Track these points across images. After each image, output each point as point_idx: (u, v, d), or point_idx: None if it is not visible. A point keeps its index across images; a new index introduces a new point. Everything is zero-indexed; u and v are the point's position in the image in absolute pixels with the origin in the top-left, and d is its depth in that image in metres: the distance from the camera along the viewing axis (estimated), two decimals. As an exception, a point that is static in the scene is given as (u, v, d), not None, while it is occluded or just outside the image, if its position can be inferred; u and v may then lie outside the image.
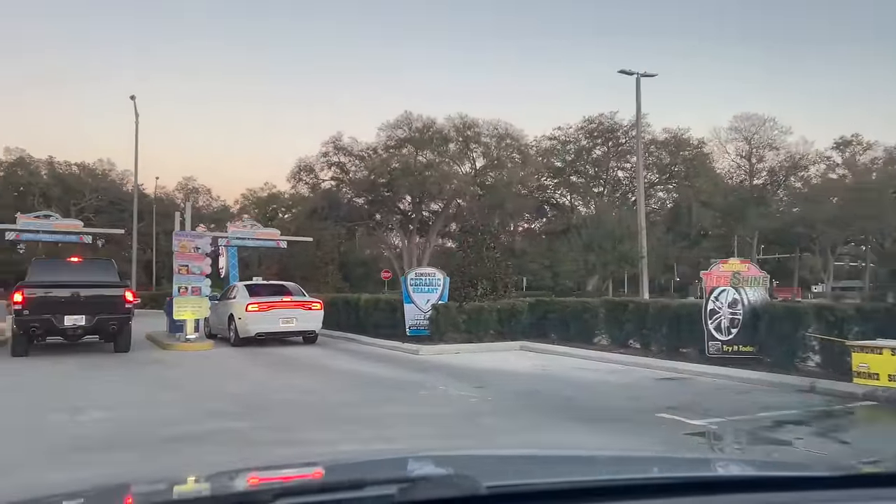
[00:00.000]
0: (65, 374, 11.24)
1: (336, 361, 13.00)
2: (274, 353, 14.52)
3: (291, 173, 41.70)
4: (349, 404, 8.48)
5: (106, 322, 13.63)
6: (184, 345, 15.02)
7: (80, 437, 6.58)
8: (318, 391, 9.64)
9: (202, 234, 15.69)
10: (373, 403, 8.56)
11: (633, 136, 43.75)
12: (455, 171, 39.32)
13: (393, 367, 12.20)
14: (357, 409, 8.18)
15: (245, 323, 15.42)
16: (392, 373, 11.47)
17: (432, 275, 15.40)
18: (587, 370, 11.43)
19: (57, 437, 6.55)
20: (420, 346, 14.10)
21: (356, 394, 9.41)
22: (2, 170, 56.26)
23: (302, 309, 15.93)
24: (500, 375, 10.91)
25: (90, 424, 7.24)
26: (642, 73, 31.16)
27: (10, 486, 2.11)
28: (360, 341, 16.40)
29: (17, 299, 13.11)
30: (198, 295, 15.34)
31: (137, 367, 12.22)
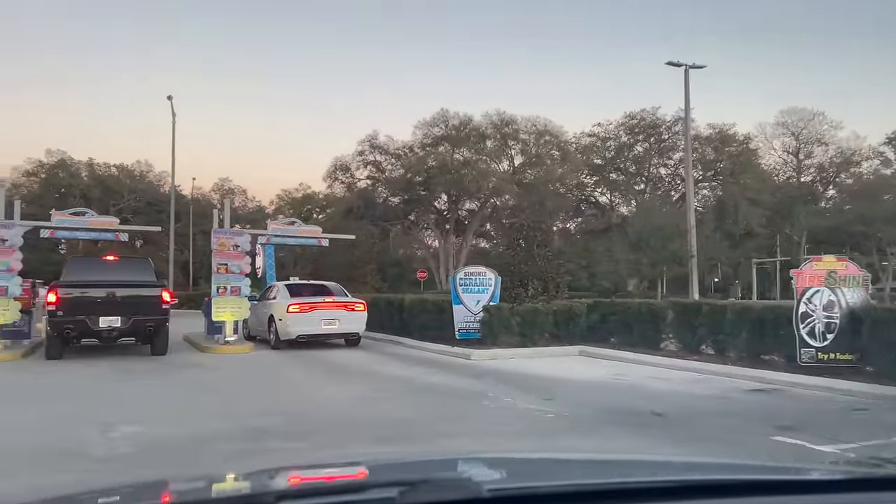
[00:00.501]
0: (98, 380, 10.46)
1: (385, 367, 12.03)
2: (317, 356, 13.63)
3: (327, 172, 41.09)
4: (409, 420, 7.47)
5: (142, 324, 12.87)
6: (223, 347, 14.22)
7: (109, 458, 5.70)
8: (371, 402, 8.66)
9: (242, 232, 14.90)
10: (435, 418, 7.55)
11: (675, 131, 42.22)
12: (493, 168, 38.18)
13: (446, 373, 11.18)
14: (418, 425, 7.18)
15: (286, 324, 14.56)
16: (447, 380, 10.45)
17: (483, 274, 14.35)
18: (663, 379, 10.25)
19: (82, 461, 5.66)
20: (471, 349, 13.07)
21: (414, 406, 8.41)
22: (43, 172, 56.74)
23: (345, 310, 15.02)
24: (568, 385, 9.81)
25: (121, 442, 6.35)
26: (691, 65, 29.76)
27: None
28: (406, 344, 15.43)
29: (50, 300, 12.42)
30: (237, 295, 14.53)
31: (174, 371, 11.41)
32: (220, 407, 8.37)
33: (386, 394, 9.24)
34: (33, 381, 10.33)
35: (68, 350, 13.18)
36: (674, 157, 43.70)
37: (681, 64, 29.52)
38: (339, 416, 7.91)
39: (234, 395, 9.45)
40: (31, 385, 10.01)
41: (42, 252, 43.70)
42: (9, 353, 13.03)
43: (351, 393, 9.39)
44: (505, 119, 38.42)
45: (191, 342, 16.03)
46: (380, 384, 10.11)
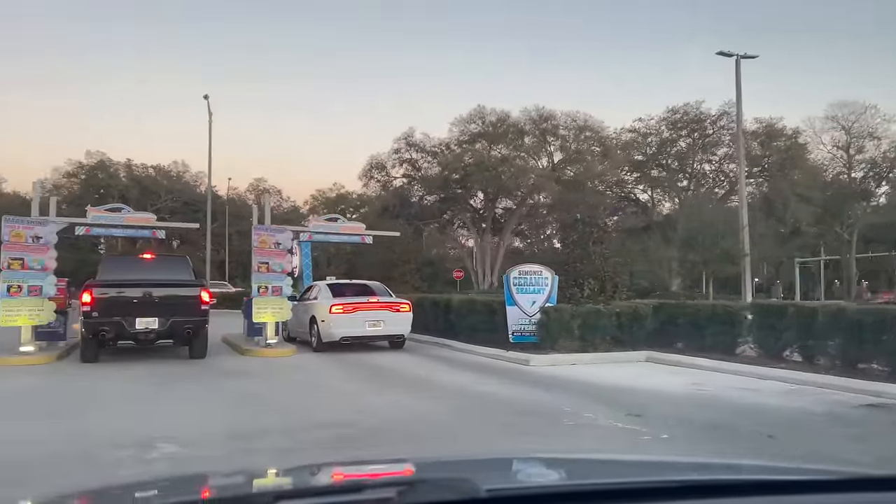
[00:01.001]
0: (135, 387, 9.69)
1: (438, 373, 11.06)
2: (362, 360, 12.74)
3: (363, 171, 40.32)
4: (484, 439, 6.50)
5: (180, 325, 12.13)
6: (264, 350, 13.41)
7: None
8: (433, 417, 7.69)
9: (283, 229, 14.09)
10: (513, 438, 6.56)
11: (721, 126, 40.54)
12: (532, 165, 37.00)
13: (507, 381, 10.17)
14: (498, 447, 6.18)
15: (328, 326, 13.71)
16: (510, 390, 9.44)
17: (538, 273, 13.30)
18: (750, 390, 9.09)
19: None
20: (528, 354, 12.03)
21: (483, 422, 7.43)
22: (83, 173, 57.23)
23: (389, 311, 14.11)
24: (649, 398, 8.72)
25: (159, 465, 5.48)
26: (742, 55, 28.30)
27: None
28: (454, 347, 14.45)
29: (85, 300, 11.73)
30: (278, 295, 13.71)
31: (215, 377, 10.60)
32: (269, 420, 7.50)
33: (448, 407, 8.26)
34: (65, 388, 9.60)
35: (104, 352, 12.51)
36: (718, 152, 42.00)
37: (732, 54, 28.09)
38: (398, 432, 6.97)
39: (281, 405, 8.57)
40: (63, 392, 9.27)
41: (82, 252, 43.87)
42: (44, 355, 12.40)
43: (408, 404, 8.45)
44: (544, 114, 37.23)
45: (230, 344, 15.29)
46: (438, 394, 9.15)
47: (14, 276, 12.09)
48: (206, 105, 38.49)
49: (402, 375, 10.98)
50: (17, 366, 11.49)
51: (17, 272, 12.12)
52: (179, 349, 13.42)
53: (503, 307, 13.59)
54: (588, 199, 37.51)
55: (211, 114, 38.47)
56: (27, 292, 12.20)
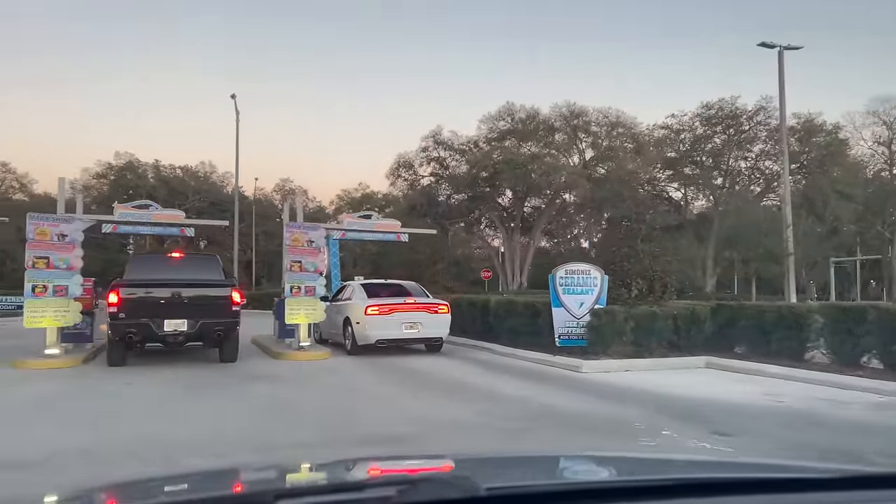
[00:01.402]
0: (163, 393, 9.01)
1: (483, 380, 10.24)
2: (400, 365, 11.97)
3: (390, 170, 39.59)
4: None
5: (210, 327, 11.47)
6: (297, 353, 12.71)
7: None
8: (492, 434, 6.85)
9: (316, 226, 13.39)
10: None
11: (757, 121, 39.14)
12: (563, 162, 35.97)
13: (560, 390, 9.32)
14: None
15: (364, 328, 12.97)
16: (567, 400, 8.59)
17: (587, 272, 12.41)
18: (840, 403, 8.12)
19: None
20: (579, 360, 11.16)
21: (549, 440, 6.58)
22: (112, 174, 57.40)
23: (427, 312, 13.33)
24: (726, 411, 7.80)
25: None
26: (785, 46, 27.08)
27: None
28: (494, 351, 13.62)
29: (111, 300, 11.12)
30: (311, 295, 13.00)
31: (248, 383, 9.89)
32: (306, 433, 6.74)
33: (506, 421, 7.41)
34: (89, 394, 8.95)
35: (131, 354, 11.91)
36: (753, 149, 40.58)
37: (774, 45, 26.89)
38: (451, 449, 6.17)
39: (318, 415, 7.83)
40: (85, 399, 8.62)
41: (110, 252, 43.85)
42: (69, 358, 11.82)
43: (457, 417, 7.64)
44: (575, 111, 36.16)
45: (261, 346, 14.63)
46: (490, 405, 8.31)
47: (39, 275, 11.53)
48: (234, 104, 38.22)
49: (444, 382, 10.18)
50: (40, 370, 10.92)
51: (42, 271, 11.56)
52: (209, 352, 12.80)
53: (547, 308, 12.74)
54: (621, 198, 36.54)
55: (238, 112, 38.16)
56: (52, 292, 11.63)
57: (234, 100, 38.27)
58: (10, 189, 56.11)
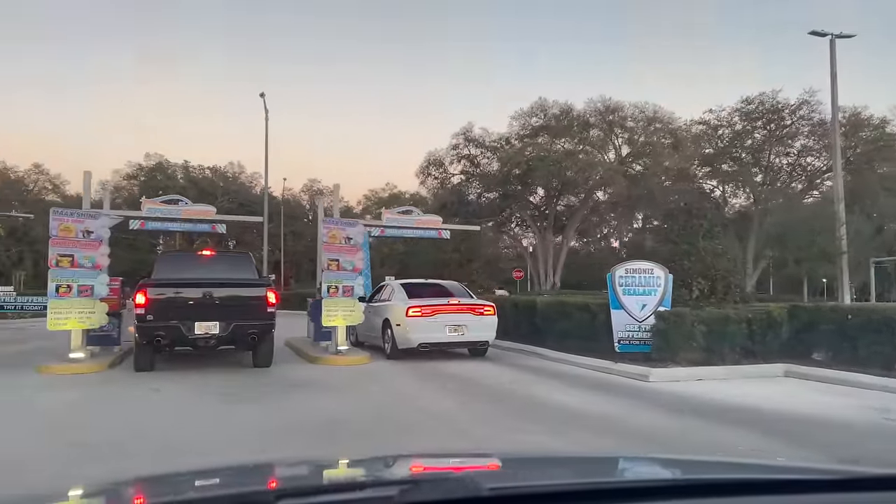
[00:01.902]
0: (192, 405, 8.15)
1: (541, 390, 9.20)
2: (446, 371, 11.00)
3: (420, 168, 38.73)
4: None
5: (244, 330, 10.63)
6: (335, 358, 11.81)
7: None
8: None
9: (355, 222, 12.48)
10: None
11: (800, 115, 37.47)
12: (599, 158, 34.72)
13: (631, 402, 8.27)
14: None
15: (405, 331, 12.03)
16: (643, 415, 7.54)
17: (649, 271, 11.32)
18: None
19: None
20: (645, 367, 10.07)
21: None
22: (142, 175, 57.45)
23: (472, 314, 12.35)
24: (835, 430, 6.69)
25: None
26: (837, 34, 25.61)
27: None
28: (545, 356, 12.59)
29: (138, 301, 10.32)
30: (349, 296, 12.10)
31: (286, 392, 9.00)
32: (360, 455, 5.80)
33: (579, 442, 6.40)
34: (112, 405, 8.12)
35: (159, 358, 11.13)
36: (795, 144, 38.88)
37: (826, 33, 25.46)
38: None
39: (367, 433, 6.86)
40: (108, 410, 7.78)
41: (140, 252, 43.64)
42: (95, 362, 11.06)
43: (528, 437, 6.63)
44: (610, 106, 34.90)
45: (295, 350, 13.78)
46: (560, 422, 7.31)
47: (63, 274, 10.78)
48: (263, 102, 37.67)
49: (498, 392, 9.18)
50: (63, 375, 10.17)
51: (66, 270, 10.81)
52: (241, 355, 11.99)
53: (603, 310, 11.69)
54: (666, 193, 35.24)
55: (267, 110, 37.57)
56: (77, 292, 10.88)
57: (262, 98, 37.71)
58: (44, 190, 56.42)
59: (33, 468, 5.23)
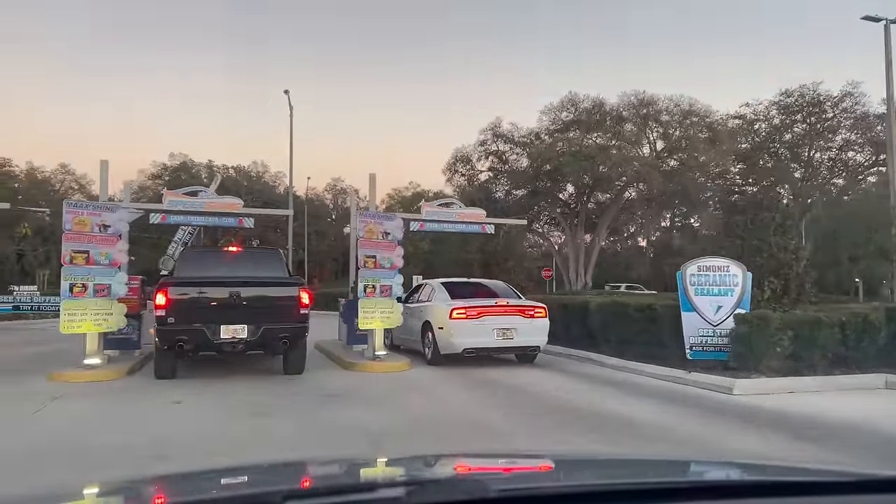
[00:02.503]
0: (218, 421, 7.05)
1: (604, 402, 7.96)
2: (496, 380, 9.83)
3: (447, 165, 37.47)
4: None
5: (275, 334, 9.55)
6: (372, 364, 10.68)
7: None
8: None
9: (393, 216, 11.34)
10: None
11: (843, 108, 35.73)
12: (634, 153, 33.22)
13: (718, 420, 7.03)
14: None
15: (449, 334, 10.87)
16: (743, 438, 6.30)
17: (725, 269, 10.03)
18: None
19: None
20: (726, 378, 8.79)
21: None
22: (167, 174, 57.01)
23: (521, 316, 11.15)
24: None
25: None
26: (892, 20, 23.98)
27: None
28: (602, 363, 11.35)
29: (159, 302, 9.29)
30: (387, 296, 10.97)
31: (320, 403, 7.87)
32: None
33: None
34: (130, 419, 7.06)
35: (181, 363, 10.11)
36: (835, 139, 37.07)
37: (880, 18, 23.83)
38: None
39: (417, 450, 5.68)
40: (125, 426, 6.71)
41: (164, 251, 43.00)
42: (111, 369, 10.04)
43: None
44: (644, 99, 33.39)
45: (327, 354, 12.69)
46: (644, 441, 6.11)
47: (77, 272, 9.78)
48: (287, 99, 36.84)
49: (557, 405, 7.97)
50: (77, 383, 9.15)
51: (80, 268, 9.81)
52: (271, 361, 10.93)
53: (670, 312, 10.44)
54: (693, 191, 33.75)
55: (291, 107, 36.74)
56: (93, 292, 9.87)
57: (287, 95, 36.89)
58: (70, 190, 56.17)
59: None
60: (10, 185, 49.94)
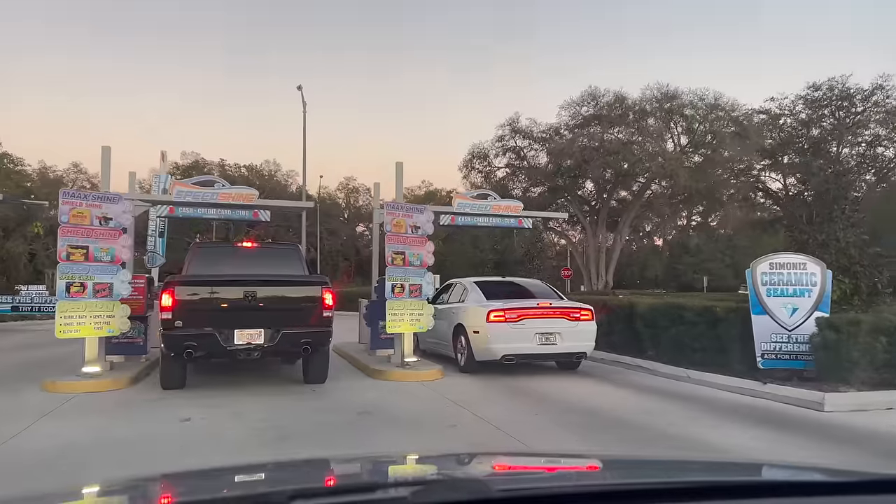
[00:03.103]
0: (237, 441, 5.92)
1: (697, 428, 6.74)
2: (540, 390, 8.67)
3: (464, 161, 36.40)
4: None
5: (295, 339, 8.43)
6: (402, 373, 9.52)
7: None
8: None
9: (422, 208, 10.18)
10: None
11: (874, 102, 34.29)
12: (660, 148, 31.87)
13: (816, 444, 5.85)
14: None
15: (485, 339, 9.71)
16: (857, 466, 5.08)
17: (801, 267, 8.80)
18: None
19: None
20: (814, 392, 7.58)
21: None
22: (179, 173, 56.17)
23: (566, 319, 9.97)
24: None
25: None
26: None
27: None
28: (655, 372, 10.16)
29: (164, 303, 8.19)
30: (417, 297, 9.83)
31: (349, 424, 6.72)
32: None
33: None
34: (129, 443, 5.93)
35: (190, 368, 9.02)
36: (864, 133, 35.62)
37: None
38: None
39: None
40: (122, 454, 5.58)
41: (177, 251, 42.06)
42: (113, 377, 8.93)
43: None
44: (668, 93, 32.07)
45: (349, 359, 11.56)
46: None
47: (75, 269, 8.70)
48: (300, 95, 35.69)
49: (641, 428, 6.77)
50: (74, 394, 8.06)
51: (78, 265, 8.72)
52: (286, 366, 9.84)
53: (737, 315, 9.24)
54: (721, 189, 32.46)
55: (305, 103, 35.62)
56: (92, 292, 8.79)
57: (300, 91, 35.77)
58: (82, 189, 55.44)
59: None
60: (24, 184, 49.21)
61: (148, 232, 13.77)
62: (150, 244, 13.78)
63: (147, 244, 13.83)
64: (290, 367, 10.11)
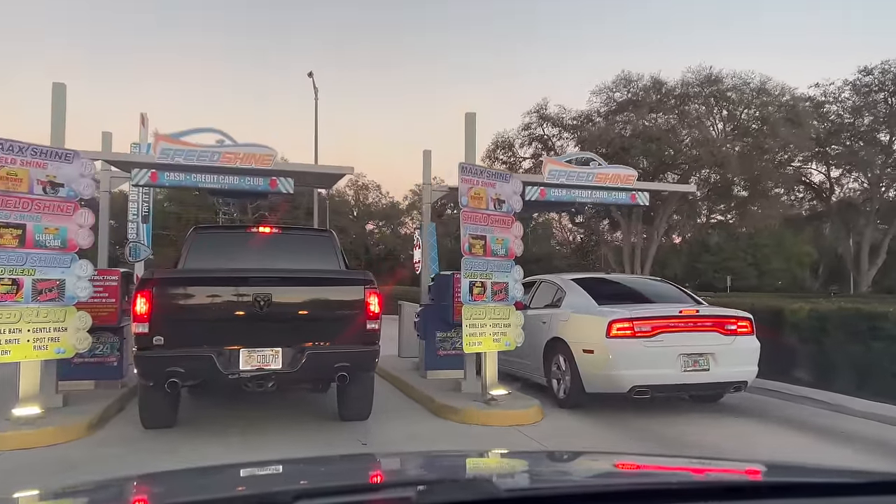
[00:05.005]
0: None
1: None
2: (691, 441, 5.58)
3: (486, 151, 33.22)
4: None
5: (327, 362, 5.41)
6: (486, 413, 6.31)
7: None
8: None
9: (508, 175, 7.05)
10: None
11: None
12: (702, 136, 28.70)
13: None
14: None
15: (604, 363, 6.57)
16: None
17: None
18: None
19: None
20: None
21: None
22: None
23: (720, 334, 6.83)
24: None
25: None
26: None
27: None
28: (839, 407, 7.06)
29: (138, 310, 5.15)
30: (503, 300, 6.72)
31: None
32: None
33: None
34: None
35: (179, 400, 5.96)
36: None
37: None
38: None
39: None
40: None
41: (176, 246, 39.09)
42: (60, 423, 5.74)
43: None
44: (711, 76, 28.83)
45: (396, 382, 8.44)
46: None
47: (1, 258, 5.63)
48: (312, 82, 32.63)
49: None
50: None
51: (7, 251, 5.66)
52: (315, 395, 6.78)
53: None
54: (768, 180, 29.32)
55: (316, 89, 32.53)
56: (31, 293, 5.72)
57: (311, 78, 32.72)
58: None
59: None
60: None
61: (129, 217, 10.63)
62: (130, 231, 10.61)
63: (128, 231, 10.67)
64: (317, 397, 7.02)
